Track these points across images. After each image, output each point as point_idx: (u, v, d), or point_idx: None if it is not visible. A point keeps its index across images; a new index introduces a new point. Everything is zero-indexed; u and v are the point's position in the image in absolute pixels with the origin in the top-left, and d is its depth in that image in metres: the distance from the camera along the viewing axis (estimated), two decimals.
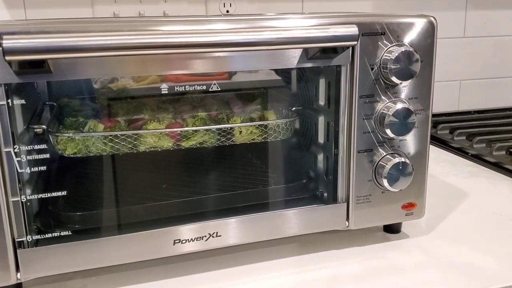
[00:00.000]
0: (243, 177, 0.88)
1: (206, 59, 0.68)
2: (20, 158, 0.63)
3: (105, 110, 0.87)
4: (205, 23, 0.67)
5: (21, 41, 0.56)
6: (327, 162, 0.81)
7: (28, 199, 0.66)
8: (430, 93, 0.77)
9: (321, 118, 0.82)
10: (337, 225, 0.78)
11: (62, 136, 0.74)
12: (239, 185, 0.85)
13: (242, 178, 0.88)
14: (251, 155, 0.95)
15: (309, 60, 0.71)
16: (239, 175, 0.89)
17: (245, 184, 0.85)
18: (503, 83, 1.61)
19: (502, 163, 1.13)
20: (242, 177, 0.88)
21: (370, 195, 0.77)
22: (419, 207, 0.80)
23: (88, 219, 0.74)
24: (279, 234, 0.76)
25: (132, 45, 0.60)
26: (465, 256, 0.78)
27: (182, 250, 0.72)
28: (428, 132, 0.78)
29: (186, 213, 0.76)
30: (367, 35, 0.71)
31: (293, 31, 0.67)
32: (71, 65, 0.62)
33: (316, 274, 0.73)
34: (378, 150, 0.76)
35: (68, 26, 0.61)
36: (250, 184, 0.85)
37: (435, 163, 1.17)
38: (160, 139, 0.77)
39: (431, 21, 0.75)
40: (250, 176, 0.89)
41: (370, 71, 0.73)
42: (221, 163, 0.92)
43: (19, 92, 0.66)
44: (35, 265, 0.65)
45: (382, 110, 0.74)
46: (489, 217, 0.90)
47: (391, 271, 0.74)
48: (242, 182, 0.86)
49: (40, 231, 0.68)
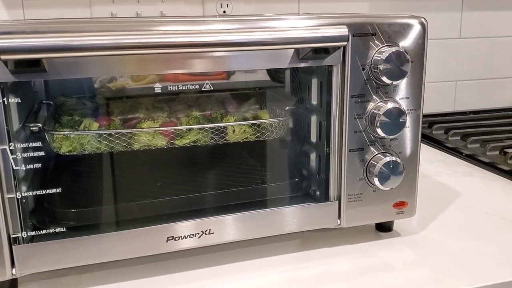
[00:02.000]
0: (236, 175, 0.89)
1: (200, 59, 0.69)
2: (16, 156, 0.64)
3: (100, 109, 0.88)
4: (200, 23, 0.68)
5: (16, 40, 0.57)
6: (319, 161, 0.82)
7: (23, 195, 0.67)
8: (421, 93, 0.78)
9: (313, 117, 0.83)
10: (329, 223, 0.79)
11: (57, 134, 0.75)
12: (233, 183, 0.86)
13: (236, 176, 0.89)
14: (245, 153, 0.96)
15: (301, 60, 0.72)
16: (232, 173, 0.90)
17: (238, 182, 0.86)
18: (498, 84, 1.62)
19: (496, 163, 1.14)
20: (235, 175, 0.89)
21: (361, 193, 0.78)
22: (411, 205, 0.81)
23: (83, 216, 0.75)
24: (272, 232, 0.77)
25: (127, 44, 0.61)
26: (457, 255, 0.78)
27: (176, 247, 0.73)
28: (419, 131, 0.79)
29: (180, 210, 0.77)
30: (358, 35, 0.72)
31: (284, 32, 0.68)
32: (66, 65, 0.63)
33: (308, 272, 0.74)
34: (369, 149, 0.77)
35: (63, 26, 0.62)
36: (243, 182, 0.86)
37: (430, 163, 1.17)
38: (154, 137, 0.78)
39: (422, 22, 0.75)
40: (244, 174, 0.90)
41: (362, 71, 0.74)
42: (215, 162, 0.93)
43: (15, 91, 0.67)
44: (30, 261, 0.66)
45: (373, 110, 0.75)
46: (481, 217, 0.91)
47: (382, 269, 0.75)
48: (236, 180, 0.87)
49: (36, 228, 0.69)
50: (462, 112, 1.55)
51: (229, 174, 0.89)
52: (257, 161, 0.94)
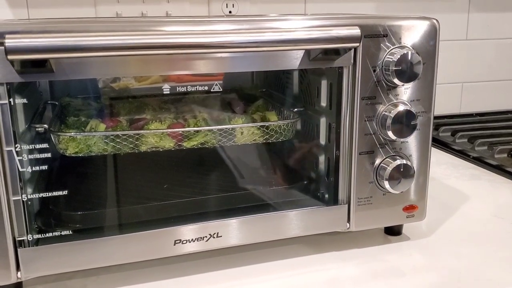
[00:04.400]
0: (244, 178, 0.88)
1: (208, 60, 0.68)
2: (22, 157, 0.63)
3: (107, 110, 0.87)
4: (207, 23, 0.67)
5: (23, 40, 0.56)
6: (328, 164, 0.81)
7: (29, 198, 0.66)
8: (432, 95, 0.77)
9: (322, 119, 0.82)
10: (338, 226, 0.78)
11: (63, 136, 0.74)
12: (240, 185, 0.85)
13: (243, 178, 0.88)
14: (253, 155, 0.95)
15: (311, 62, 0.71)
16: (240, 175, 0.89)
17: (246, 185, 0.85)
18: (505, 86, 1.61)
19: (504, 166, 1.13)
20: (243, 178, 0.88)
21: (371, 197, 0.77)
22: (420, 209, 0.80)
23: (89, 219, 0.74)
24: (280, 235, 0.76)
25: (134, 45, 0.60)
26: (466, 259, 0.77)
27: (183, 250, 0.72)
28: (429, 134, 0.78)
29: (187, 213, 0.76)
30: (369, 37, 0.71)
31: (295, 32, 0.66)
32: (73, 65, 0.62)
33: (316, 276, 0.73)
34: (379, 152, 0.76)
35: (70, 26, 0.62)
36: (251, 185, 0.85)
37: (437, 166, 1.16)
38: (162, 139, 0.77)
39: (433, 24, 0.74)
40: (251, 177, 0.89)
41: (372, 73, 0.73)
42: (222, 164, 0.92)
43: (21, 91, 0.66)
44: (35, 264, 0.65)
45: (384, 112, 0.74)
46: (491, 220, 0.90)
47: (391, 273, 0.74)
48: (243, 183, 0.86)
49: (41, 230, 0.68)
50: (469, 114, 1.54)
51: (236, 176, 0.88)
52: (265, 163, 0.93)
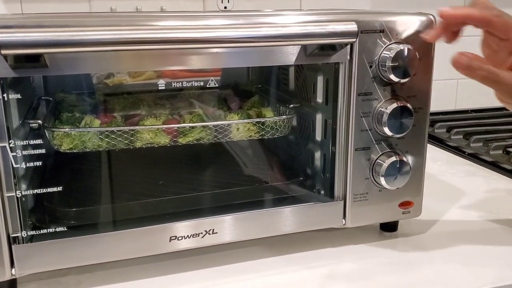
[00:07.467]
0: (239, 174, 0.88)
1: (203, 55, 0.67)
2: (15, 153, 0.63)
3: (101, 106, 0.86)
4: (202, 18, 0.67)
5: (17, 35, 0.56)
6: (324, 160, 0.80)
7: (23, 194, 0.65)
8: (428, 91, 0.77)
9: (318, 115, 0.81)
10: (333, 223, 0.78)
11: (58, 131, 0.73)
12: (236, 182, 0.85)
13: (239, 175, 0.88)
14: (248, 152, 0.94)
15: (307, 57, 0.70)
16: (235, 172, 0.89)
17: (241, 181, 0.85)
18: None
19: (499, 163, 1.13)
20: (238, 174, 0.88)
21: (367, 193, 0.77)
22: (416, 205, 0.80)
23: (84, 215, 0.74)
24: (275, 232, 0.76)
25: (129, 40, 0.60)
26: (462, 255, 0.77)
27: (178, 247, 0.71)
28: (426, 130, 0.78)
29: (182, 209, 0.76)
30: (365, 32, 0.71)
31: (291, 28, 0.66)
32: (68, 60, 0.61)
33: (312, 272, 0.73)
34: (375, 148, 0.76)
35: (64, 21, 0.61)
36: (246, 181, 0.85)
37: (432, 162, 1.16)
38: (157, 135, 0.76)
39: (430, 19, 0.74)
40: (247, 173, 0.89)
41: (369, 69, 0.72)
42: (218, 160, 0.92)
43: (14, 87, 0.65)
44: (30, 261, 0.65)
45: (380, 108, 0.74)
46: (486, 217, 0.90)
47: (387, 269, 0.74)
48: (239, 179, 0.86)
49: (35, 227, 0.68)
50: (464, 110, 1.54)
51: (232, 172, 0.88)
52: (260, 159, 0.93)
